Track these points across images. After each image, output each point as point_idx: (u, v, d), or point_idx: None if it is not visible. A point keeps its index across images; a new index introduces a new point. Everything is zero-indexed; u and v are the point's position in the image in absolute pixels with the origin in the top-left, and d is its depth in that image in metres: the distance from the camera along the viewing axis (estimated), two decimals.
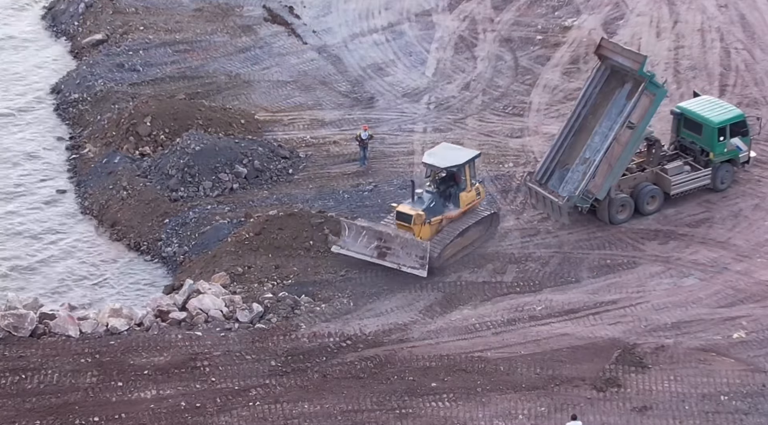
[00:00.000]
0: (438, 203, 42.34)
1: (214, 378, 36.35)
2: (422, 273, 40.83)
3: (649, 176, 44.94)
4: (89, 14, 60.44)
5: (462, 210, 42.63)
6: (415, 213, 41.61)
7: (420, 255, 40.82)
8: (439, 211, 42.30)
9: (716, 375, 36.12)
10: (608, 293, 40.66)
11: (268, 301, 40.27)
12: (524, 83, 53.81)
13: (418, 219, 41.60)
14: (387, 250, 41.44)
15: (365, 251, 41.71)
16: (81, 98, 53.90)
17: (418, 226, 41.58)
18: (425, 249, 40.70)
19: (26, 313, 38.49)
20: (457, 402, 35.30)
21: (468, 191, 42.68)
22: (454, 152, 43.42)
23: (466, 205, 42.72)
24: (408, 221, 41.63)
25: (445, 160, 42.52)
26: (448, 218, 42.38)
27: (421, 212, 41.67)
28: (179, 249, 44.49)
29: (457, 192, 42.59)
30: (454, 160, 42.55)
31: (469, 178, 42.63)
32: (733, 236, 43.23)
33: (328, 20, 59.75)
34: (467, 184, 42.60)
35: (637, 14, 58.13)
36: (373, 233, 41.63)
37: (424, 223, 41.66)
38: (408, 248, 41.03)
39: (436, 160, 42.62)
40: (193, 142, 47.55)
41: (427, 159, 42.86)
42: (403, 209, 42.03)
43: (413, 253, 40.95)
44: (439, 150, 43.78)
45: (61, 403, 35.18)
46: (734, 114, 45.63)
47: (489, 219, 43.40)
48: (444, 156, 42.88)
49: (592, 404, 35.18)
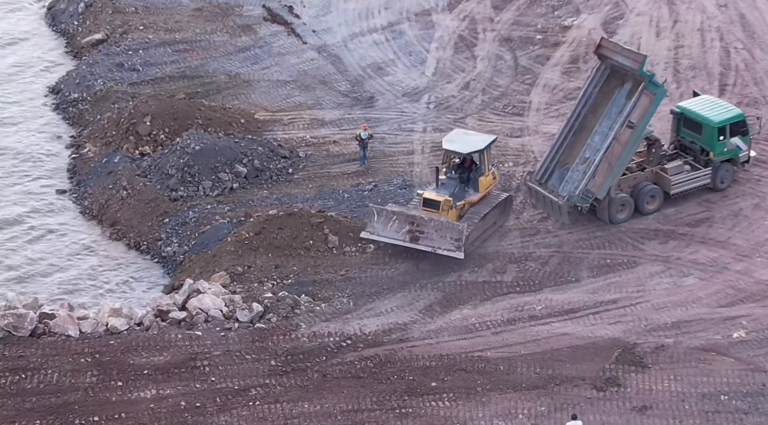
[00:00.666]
0: (459, 188, 43.13)
1: (214, 378, 36.34)
2: (459, 255, 41.23)
3: (649, 176, 44.94)
4: (89, 14, 60.39)
5: (482, 194, 43.31)
6: (443, 199, 42.33)
7: (456, 238, 41.24)
8: (461, 196, 43.08)
9: (716, 374, 36.11)
10: (608, 292, 40.66)
11: (268, 301, 40.25)
12: (524, 83, 53.80)
13: (446, 205, 42.26)
14: (420, 234, 41.82)
15: (396, 236, 42.04)
16: (81, 98, 53.88)
17: (446, 212, 42.22)
18: (461, 231, 41.17)
19: (26, 313, 38.47)
20: (457, 402, 35.30)
21: (486, 175, 43.45)
22: (472, 137, 44.23)
23: (485, 189, 43.44)
24: (436, 207, 42.22)
25: (467, 145, 43.27)
26: (470, 203, 43.05)
27: (448, 198, 42.39)
28: (179, 249, 44.48)
29: (476, 176, 43.28)
30: (474, 145, 43.30)
31: (487, 163, 43.37)
32: (733, 235, 43.23)
33: (327, 20, 59.73)
34: (486, 168, 43.30)
35: (637, 14, 58.11)
36: (404, 218, 42.06)
37: (451, 209, 42.29)
38: (443, 231, 41.44)
39: (457, 145, 43.37)
40: (192, 141, 47.54)
41: (448, 145, 43.49)
42: (429, 196, 42.65)
43: (448, 236, 41.34)
44: (456, 136, 44.47)
45: (61, 403, 35.16)
46: (734, 113, 45.63)
47: (504, 202, 43.98)
48: (464, 141, 43.61)
49: (592, 403, 35.18)
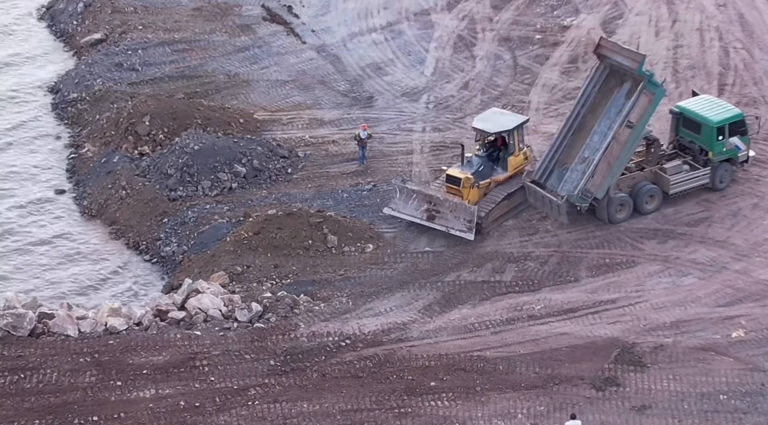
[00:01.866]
0: (486, 167, 43.98)
1: (213, 378, 36.34)
2: (470, 236, 42.28)
3: (648, 175, 44.94)
4: (88, 13, 60.43)
5: (510, 173, 44.23)
6: (464, 176, 43.27)
7: (468, 219, 42.17)
8: (487, 174, 44.02)
9: (715, 374, 36.12)
10: (607, 292, 40.66)
11: (267, 301, 40.26)
12: (523, 82, 53.81)
13: (467, 183, 43.15)
14: (436, 213, 42.92)
15: (416, 214, 43.25)
16: (80, 97, 53.89)
17: (467, 189, 43.19)
18: (473, 213, 42.11)
19: (25, 313, 38.47)
20: (456, 402, 35.30)
21: (516, 155, 44.34)
22: (504, 117, 45.19)
23: (514, 169, 44.35)
24: (457, 184, 43.27)
25: (496, 125, 44.28)
26: (496, 181, 44.04)
27: (470, 175, 43.29)
28: (178, 249, 44.48)
29: (505, 156, 44.20)
30: (503, 125, 44.29)
31: (517, 143, 44.29)
32: (732, 235, 43.24)
33: (326, 19, 59.75)
34: (515, 148, 44.24)
35: (636, 13, 58.14)
36: (423, 196, 43.05)
37: (472, 186, 43.15)
38: (457, 212, 42.40)
39: (486, 125, 44.43)
40: (192, 141, 47.55)
41: (478, 124, 44.65)
42: (452, 172, 43.72)
43: (461, 217, 42.30)
44: (489, 115, 45.68)
45: (60, 403, 35.16)
46: (733, 113, 45.62)
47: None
48: (494, 120, 44.65)
49: (591, 403, 35.18)
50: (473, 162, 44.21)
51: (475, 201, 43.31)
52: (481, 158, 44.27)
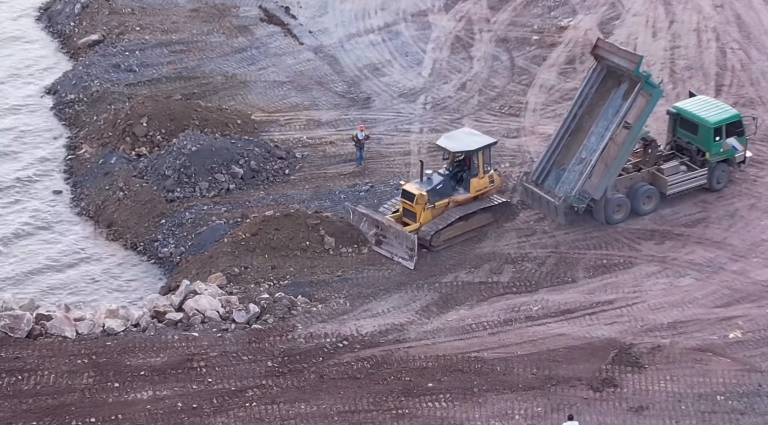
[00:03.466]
0: (447, 186, 43.39)
1: (211, 379, 36.34)
2: (410, 264, 41.78)
3: (645, 176, 44.97)
4: (85, 15, 60.38)
5: (471, 195, 43.55)
6: (418, 193, 42.73)
7: (410, 247, 41.71)
8: (447, 193, 43.42)
9: (712, 375, 36.14)
10: (604, 293, 40.69)
11: (265, 302, 40.27)
12: (520, 83, 53.83)
13: (421, 200, 42.67)
14: (383, 239, 42.51)
15: (366, 237, 42.93)
16: (77, 99, 53.86)
17: (420, 206, 42.60)
18: (413, 242, 41.63)
19: (23, 314, 38.47)
20: (454, 403, 35.31)
21: (480, 177, 43.65)
22: (471, 137, 44.47)
23: (476, 191, 43.63)
24: (411, 200, 42.76)
25: (459, 144, 43.72)
26: (456, 201, 43.34)
27: (424, 192, 42.70)
28: (176, 250, 44.47)
29: (468, 177, 43.49)
30: (467, 145, 43.68)
31: (482, 165, 43.58)
32: (729, 236, 43.27)
33: (324, 20, 59.74)
34: (479, 170, 43.53)
35: (633, 14, 58.17)
36: (371, 220, 42.78)
37: (426, 204, 42.58)
38: (400, 239, 42.01)
39: (450, 143, 43.94)
40: (189, 142, 47.54)
41: (442, 141, 44.13)
42: (408, 188, 43.22)
43: (404, 244, 41.86)
44: (457, 134, 45.12)
45: (58, 404, 35.15)
46: (730, 114, 45.66)
47: (499, 207, 44.02)
48: (460, 140, 44.07)
49: (588, 404, 35.20)
50: (433, 179, 43.37)
51: (428, 220, 42.68)
52: (443, 176, 43.49)
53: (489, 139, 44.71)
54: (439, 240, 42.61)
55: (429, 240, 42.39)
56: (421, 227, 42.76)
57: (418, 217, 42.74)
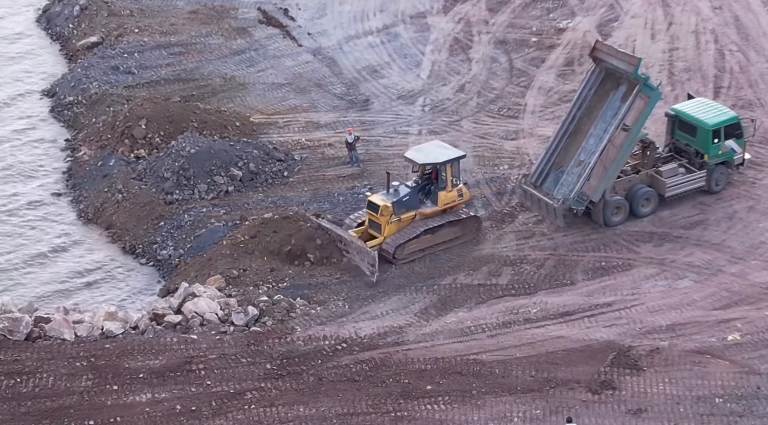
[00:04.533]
0: (414, 198, 42.86)
1: (210, 382, 36.34)
2: (372, 279, 41.23)
3: (643, 178, 44.99)
4: (84, 17, 60.42)
5: (439, 208, 42.99)
6: (383, 204, 42.29)
7: (370, 262, 41.23)
8: (413, 206, 42.88)
9: (711, 377, 36.13)
10: (603, 295, 40.70)
11: (264, 304, 40.27)
12: (519, 85, 53.85)
13: (386, 211, 42.21)
14: (346, 253, 42.06)
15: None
16: (76, 101, 53.90)
17: (385, 218, 42.15)
18: (374, 258, 41.10)
19: (21, 317, 38.45)
20: (453, 405, 35.30)
21: (448, 191, 43.07)
22: (440, 150, 43.90)
23: (444, 204, 43.08)
24: (376, 211, 42.33)
25: (427, 157, 43.20)
26: (422, 214, 42.84)
27: (389, 204, 42.25)
28: (174, 252, 44.48)
29: (436, 190, 42.99)
30: (435, 157, 43.16)
31: (449, 178, 43.00)
32: (728, 238, 43.28)
33: (322, 22, 59.77)
34: (447, 183, 42.97)
35: (632, 16, 58.19)
36: (334, 235, 42.24)
37: (391, 216, 42.13)
38: (361, 254, 41.57)
39: (417, 155, 43.42)
40: (188, 144, 47.56)
41: (409, 154, 43.68)
42: (373, 199, 42.81)
43: (365, 260, 41.43)
44: (426, 146, 44.58)
45: (57, 407, 35.15)
46: (729, 116, 45.67)
47: (468, 222, 43.42)
48: (429, 152, 43.59)
49: (587, 406, 35.19)
50: (399, 191, 42.84)
51: (393, 232, 42.22)
52: (409, 189, 42.94)
53: (458, 152, 44.06)
54: (403, 254, 42.09)
55: (393, 253, 41.88)
56: (385, 239, 42.22)
57: (382, 229, 42.18)
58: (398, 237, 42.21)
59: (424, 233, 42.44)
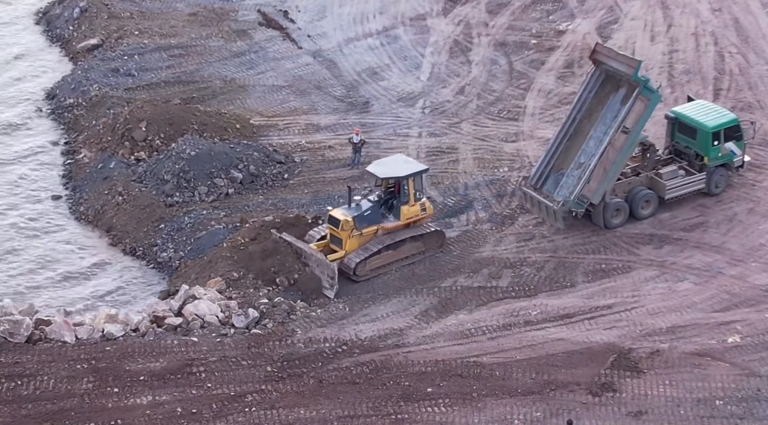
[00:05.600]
0: (376, 213, 42.24)
1: (210, 384, 36.35)
2: (330, 294, 40.91)
3: (643, 180, 45.02)
4: (84, 19, 60.41)
5: (401, 223, 42.40)
6: (344, 219, 41.69)
7: (330, 276, 40.79)
8: (375, 220, 42.24)
9: (711, 379, 36.15)
10: (603, 297, 40.72)
11: (264, 306, 40.29)
12: (519, 87, 53.89)
13: (346, 226, 41.60)
14: (306, 267, 41.56)
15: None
16: (76, 103, 53.91)
17: (345, 232, 41.59)
18: (333, 271, 40.61)
19: (22, 319, 38.46)
20: (453, 408, 35.32)
21: (411, 205, 42.39)
22: (402, 164, 43.20)
23: (407, 219, 42.42)
24: (336, 225, 41.79)
25: (389, 171, 42.55)
26: (385, 229, 42.24)
27: (350, 219, 41.65)
28: (175, 255, 44.49)
29: (398, 204, 42.38)
30: (396, 172, 42.49)
31: (412, 192, 42.30)
32: (728, 240, 43.31)
33: (322, 24, 59.80)
34: (410, 197, 42.30)
35: (632, 18, 58.24)
36: (296, 248, 41.77)
37: (353, 231, 41.60)
38: (321, 268, 41.13)
39: (379, 169, 42.78)
40: (188, 147, 47.57)
41: (371, 168, 43.05)
42: (335, 213, 42.14)
43: (325, 273, 40.99)
44: (390, 160, 43.93)
45: (57, 409, 35.15)
46: (728, 118, 45.71)
47: (431, 236, 42.81)
48: (390, 167, 42.90)
49: (587, 409, 35.21)
50: (361, 205, 42.21)
51: (354, 247, 41.71)
52: (372, 203, 42.31)
53: (420, 166, 43.37)
54: (364, 270, 41.62)
55: (353, 269, 41.45)
56: (347, 254, 41.74)
57: (344, 244, 41.66)
58: (358, 254, 41.57)
59: (385, 249, 41.80)
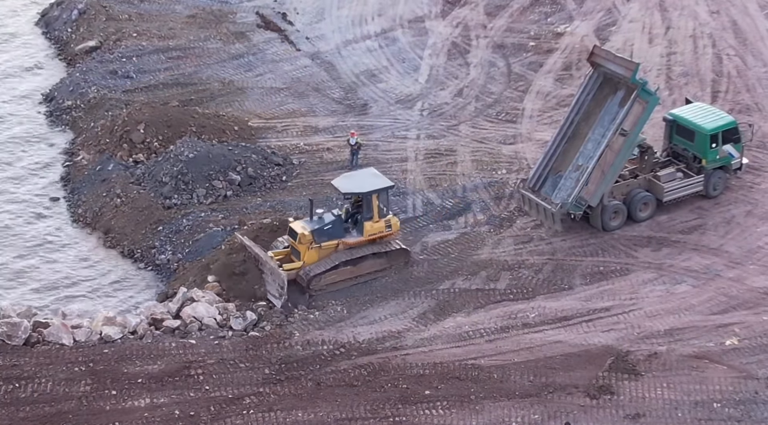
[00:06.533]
0: (338, 227, 41.70)
1: (208, 387, 36.37)
2: (278, 303, 40.51)
3: (641, 183, 45.04)
4: (82, 21, 60.42)
5: (364, 239, 41.74)
6: (301, 232, 41.25)
7: (280, 285, 40.41)
8: (336, 235, 41.67)
9: (709, 382, 36.20)
10: (601, 300, 40.73)
11: (262, 309, 40.32)
12: (517, 90, 53.91)
13: (304, 239, 41.16)
14: (261, 273, 41.25)
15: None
16: (74, 105, 53.90)
17: (303, 245, 41.20)
18: (284, 280, 40.17)
19: (20, 322, 38.52)
20: (451, 410, 35.35)
21: (375, 221, 41.72)
22: (368, 179, 42.46)
23: (370, 235, 41.75)
24: (294, 238, 41.46)
25: (351, 186, 41.99)
26: (346, 244, 41.69)
27: (308, 232, 41.20)
28: (173, 257, 44.48)
29: (362, 220, 41.82)
30: (359, 187, 41.91)
31: (376, 208, 41.65)
32: (726, 243, 43.32)
33: (321, 27, 59.82)
34: (374, 213, 41.67)
35: (630, 20, 58.29)
36: (253, 254, 41.48)
37: (311, 244, 41.17)
38: (273, 276, 40.76)
39: (344, 183, 42.22)
40: (186, 149, 47.57)
41: (336, 181, 42.53)
42: (294, 226, 41.71)
43: (276, 282, 40.64)
44: (358, 174, 43.44)
45: (55, 412, 35.19)
46: (726, 121, 45.74)
47: (396, 254, 42.16)
48: (356, 181, 42.33)
49: (585, 411, 35.25)
50: (324, 219, 41.62)
51: (313, 260, 41.16)
52: (335, 217, 41.71)
53: (386, 182, 42.28)
54: (319, 284, 41.05)
55: (308, 282, 40.90)
56: (304, 266, 41.20)
57: (301, 256, 41.17)
58: (315, 268, 41.01)
59: (344, 264, 41.27)
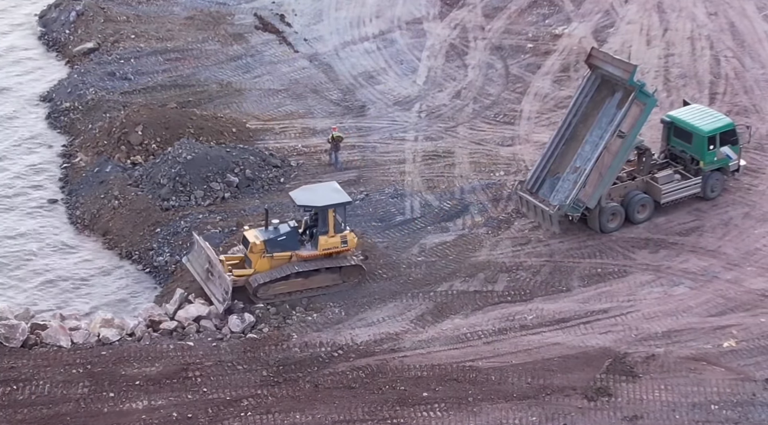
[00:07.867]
0: (293, 239, 41.39)
1: (206, 389, 36.38)
2: (220, 307, 40.21)
3: (639, 185, 45.06)
4: (80, 22, 60.42)
5: (318, 253, 41.39)
6: (253, 242, 41.02)
7: (225, 290, 40.20)
8: (290, 246, 41.34)
9: (707, 384, 36.23)
10: (599, 302, 40.75)
11: (260, 311, 40.31)
12: (515, 91, 53.93)
13: (255, 249, 40.91)
14: (211, 276, 41.07)
15: (200, 270, 41.52)
16: (72, 107, 53.88)
17: (255, 255, 40.96)
18: (228, 286, 39.97)
19: (17, 324, 38.51)
20: (449, 412, 35.36)
21: (330, 236, 41.33)
22: (328, 194, 42.07)
23: (324, 250, 41.40)
24: (247, 247, 41.33)
25: (308, 199, 41.67)
26: (299, 256, 41.39)
27: (260, 242, 40.96)
28: (171, 259, 44.45)
29: (317, 233, 41.49)
30: (316, 200, 41.54)
31: (332, 223, 41.26)
32: (724, 245, 43.35)
33: (319, 28, 59.84)
34: (329, 228, 41.28)
35: (628, 22, 58.32)
36: (206, 256, 41.29)
37: (263, 253, 40.94)
38: (219, 280, 40.59)
39: (300, 195, 41.91)
40: (184, 150, 47.56)
41: (293, 193, 42.28)
42: (247, 234, 41.51)
43: (221, 286, 40.45)
44: (318, 187, 43.09)
45: (53, 414, 35.20)
46: (724, 122, 45.77)
47: (350, 270, 41.70)
48: (314, 194, 41.98)
49: (583, 413, 35.27)
50: (279, 229, 41.27)
51: (264, 270, 40.61)
52: (290, 228, 41.33)
53: (344, 197, 41.87)
54: (267, 293, 40.72)
55: (253, 290, 40.65)
56: (254, 274, 40.90)
57: (253, 265, 40.95)
58: (263, 277, 40.75)
59: (295, 275, 40.96)
